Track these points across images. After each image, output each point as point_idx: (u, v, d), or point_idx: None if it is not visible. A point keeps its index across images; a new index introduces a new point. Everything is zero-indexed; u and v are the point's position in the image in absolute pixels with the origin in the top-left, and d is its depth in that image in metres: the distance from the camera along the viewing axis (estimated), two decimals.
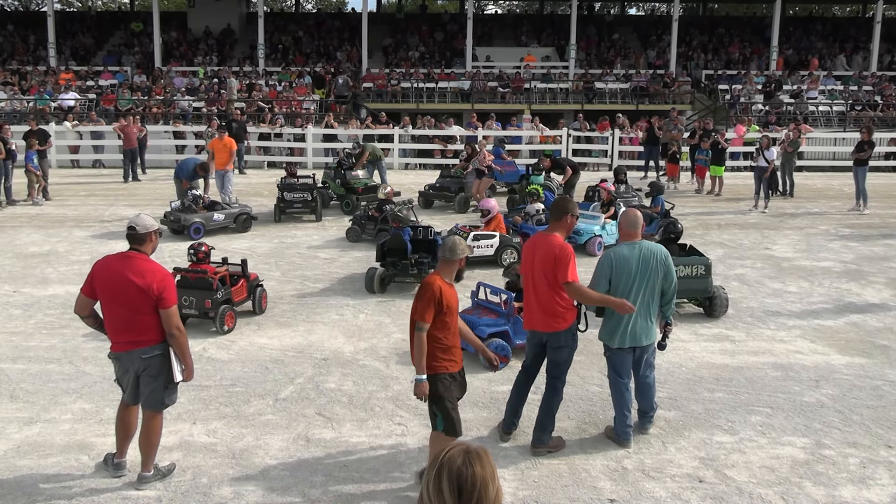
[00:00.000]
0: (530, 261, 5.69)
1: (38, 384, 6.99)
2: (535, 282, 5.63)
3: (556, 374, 5.76)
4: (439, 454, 2.29)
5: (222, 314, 8.32)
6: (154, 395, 5.20)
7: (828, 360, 7.73)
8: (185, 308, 8.18)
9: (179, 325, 5.12)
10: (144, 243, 5.17)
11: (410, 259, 10.05)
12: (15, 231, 13.68)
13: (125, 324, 5.07)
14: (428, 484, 2.25)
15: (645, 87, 28.75)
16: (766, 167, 16.09)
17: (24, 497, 5.13)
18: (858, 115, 26.11)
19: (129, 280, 5.00)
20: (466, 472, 2.21)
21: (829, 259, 12.03)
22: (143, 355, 5.09)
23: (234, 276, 8.91)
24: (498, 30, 35.90)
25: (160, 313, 5.04)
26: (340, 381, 7.09)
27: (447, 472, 2.22)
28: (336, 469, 5.53)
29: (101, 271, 5.13)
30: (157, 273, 5.07)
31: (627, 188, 15.01)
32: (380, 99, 28.19)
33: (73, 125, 22.77)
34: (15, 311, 9.19)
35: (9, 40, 32.73)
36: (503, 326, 7.57)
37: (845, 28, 36.68)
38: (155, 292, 4.99)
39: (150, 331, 5.07)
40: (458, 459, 2.24)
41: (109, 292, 5.07)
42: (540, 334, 5.73)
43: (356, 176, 16.03)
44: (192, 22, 33.77)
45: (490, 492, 2.23)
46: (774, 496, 5.22)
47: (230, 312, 8.45)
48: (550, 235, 5.67)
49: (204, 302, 8.30)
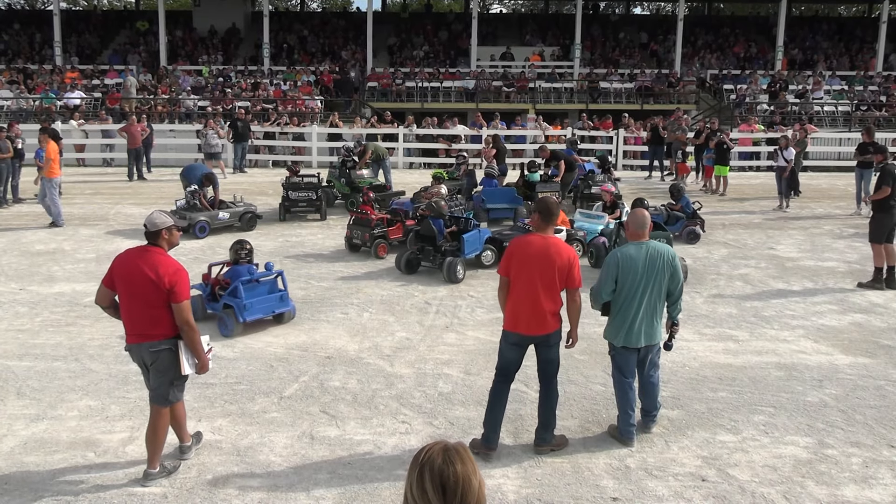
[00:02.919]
0: (526, 262, 5.50)
1: (45, 381, 7.03)
2: (534, 284, 5.47)
3: (553, 373, 5.73)
4: (418, 455, 2.29)
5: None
6: (159, 389, 5.24)
7: (831, 360, 7.73)
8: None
9: (191, 320, 5.15)
10: (159, 239, 5.25)
11: (440, 246, 10.73)
12: (21, 229, 13.74)
13: (138, 316, 5.14)
14: (411, 485, 2.26)
15: (650, 86, 28.73)
16: (785, 167, 16.06)
17: (30, 493, 5.17)
18: (864, 116, 26.06)
19: (143, 273, 5.07)
20: (448, 471, 2.23)
21: (834, 259, 12.02)
22: (150, 349, 5.14)
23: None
24: (503, 29, 35.90)
25: (172, 308, 5.09)
26: (345, 380, 7.12)
27: (429, 472, 2.23)
28: (340, 467, 5.55)
29: (120, 264, 5.22)
30: (170, 267, 5.12)
31: (607, 177, 15.56)
32: (384, 98, 28.22)
33: (78, 124, 22.85)
34: (21, 308, 9.24)
35: (15, 39, 32.84)
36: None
37: (851, 28, 36.60)
38: (166, 286, 5.04)
39: (160, 325, 5.12)
40: (439, 458, 2.25)
41: (125, 285, 5.15)
42: (528, 337, 5.58)
43: (361, 175, 16.06)
44: (198, 21, 33.85)
45: (473, 487, 2.25)
46: (777, 495, 5.23)
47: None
48: (554, 238, 5.63)
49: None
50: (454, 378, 7.13)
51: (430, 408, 6.52)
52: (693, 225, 13.00)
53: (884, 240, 10.32)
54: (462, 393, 6.79)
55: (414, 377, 7.17)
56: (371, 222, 11.87)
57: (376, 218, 11.98)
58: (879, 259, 10.40)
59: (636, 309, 5.72)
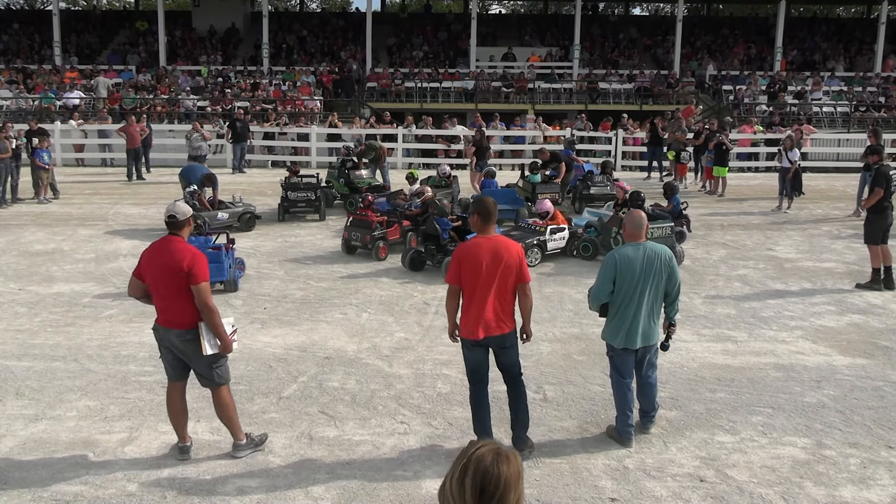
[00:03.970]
0: (478, 266, 5.40)
1: (44, 381, 7.03)
2: (488, 286, 5.40)
3: (518, 372, 5.72)
4: (468, 448, 2.27)
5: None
6: (204, 373, 5.54)
7: (829, 361, 7.74)
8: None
9: (209, 301, 5.36)
10: (183, 228, 5.53)
11: (443, 245, 10.83)
12: (20, 229, 13.74)
13: (167, 305, 5.41)
14: (452, 477, 2.23)
15: (649, 87, 28.74)
16: (790, 168, 16.07)
17: (29, 493, 5.17)
18: (862, 117, 26.08)
19: (165, 261, 5.35)
20: (492, 473, 2.20)
21: (832, 260, 12.03)
22: (178, 337, 5.41)
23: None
24: (502, 30, 35.91)
25: (192, 290, 5.31)
26: (343, 380, 7.12)
27: (473, 469, 2.21)
28: (339, 467, 5.56)
29: (147, 255, 5.49)
30: (188, 251, 5.39)
31: (607, 179, 15.79)
32: (384, 99, 28.23)
33: (78, 124, 22.85)
34: (20, 308, 9.24)
35: (14, 39, 32.83)
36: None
37: (850, 29, 36.63)
38: (185, 269, 5.28)
39: (185, 314, 5.37)
40: (488, 458, 2.22)
41: (153, 275, 5.42)
42: (487, 339, 5.50)
43: (360, 175, 16.07)
44: (197, 21, 33.83)
45: (511, 497, 2.22)
46: (775, 496, 5.24)
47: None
48: (503, 238, 5.61)
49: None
50: (453, 378, 7.14)
51: (429, 408, 6.53)
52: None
53: (879, 241, 10.35)
54: (461, 393, 6.78)
55: (413, 377, 7.18)
56: (371, 224, 11.91)
57: (376, 220, 12.03)
58: (876, 260, 10.42)
59: (635, 310, 5.73)
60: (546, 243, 11.64)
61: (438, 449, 5.83)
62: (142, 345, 7.95)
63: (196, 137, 19.00)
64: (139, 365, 7.44)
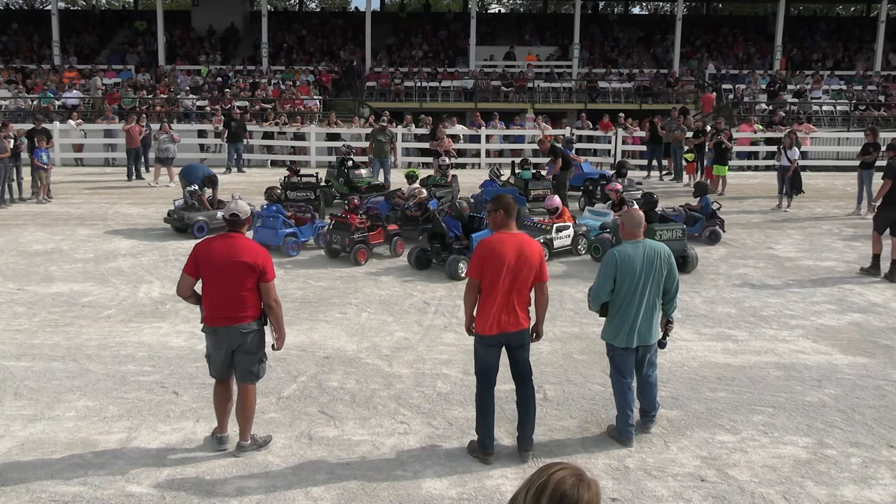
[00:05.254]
0: (501, 262, 5.39)
1: (42, 382, 7.01)
2: (509, 282, 5.40)
3: (528, 373, 5.70)
4: (549, 466, 2.23)
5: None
6: (251, 368, 5.61)
7: (830, 360, 7.73)
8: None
9: (277, 297, 5.58)
10: (244, 226, 5.70)
11: (449, 244, 10.90)
12: (19, 229, 13.72)
13: (228, 300, 5.47)
14: (527, 493, 2.19)
15: (648, 86, 28.73)
16: (789, 166, 16.05)
17: (27, 494, 5.15)
18: (862, 115, 26.07)
19: (237, 258, 5.44)
20: (572, 497, 2.15)
21: (832, 259, 12.02)
22: (242, 330, 5.49)
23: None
24: (501, 29, 35.90)
25: (261, 287, 5.49)
26: (343, 380, 7.11)
27: (552, 491, 2.16)
28: (338, 467, 5.54)
29: (206, 252, 5.52)
30: (260, 250, 5.59)
31: (629, 182, 15.30)
32: (383, 98, 28.21)
33: (77, 124, 22.82)
34: (19, 308, 9.22)
35: (13, 39, 32.81)
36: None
37: (849, 28, 36.62)
38: (260, 266, 5.46)
39: (249, 308, 5.50)
40: (568, 481, 2.17)
41: (215, 271, 5.47)
42: (503, 335, 5.50)
43: (360, 175, 16.05)
44: (196, 21, 33.82)
45: None
46: (776, 495, 5.22)
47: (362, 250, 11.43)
48: (526, 236, 5.62)
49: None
50: (453, 378, 7.12)
51: (429, 408, 6.51)
52: (713, 225, 12.94)
53: (883, 229, 10.83)
54: (461, 393, 6.77)
55: (412, 377, 7.16)
56: (351, 227, 11.53)
57: (356, 223, 11.66)
58: (877, 246, 10.97)
59: (636, 309, 5.71)
60: (552, 241, 11.63)
61: (438, 449, 5.82)
62: (141, 345, 7.93)
63: (164, 139, 18.65)
64: (138, 365, 7.42)
